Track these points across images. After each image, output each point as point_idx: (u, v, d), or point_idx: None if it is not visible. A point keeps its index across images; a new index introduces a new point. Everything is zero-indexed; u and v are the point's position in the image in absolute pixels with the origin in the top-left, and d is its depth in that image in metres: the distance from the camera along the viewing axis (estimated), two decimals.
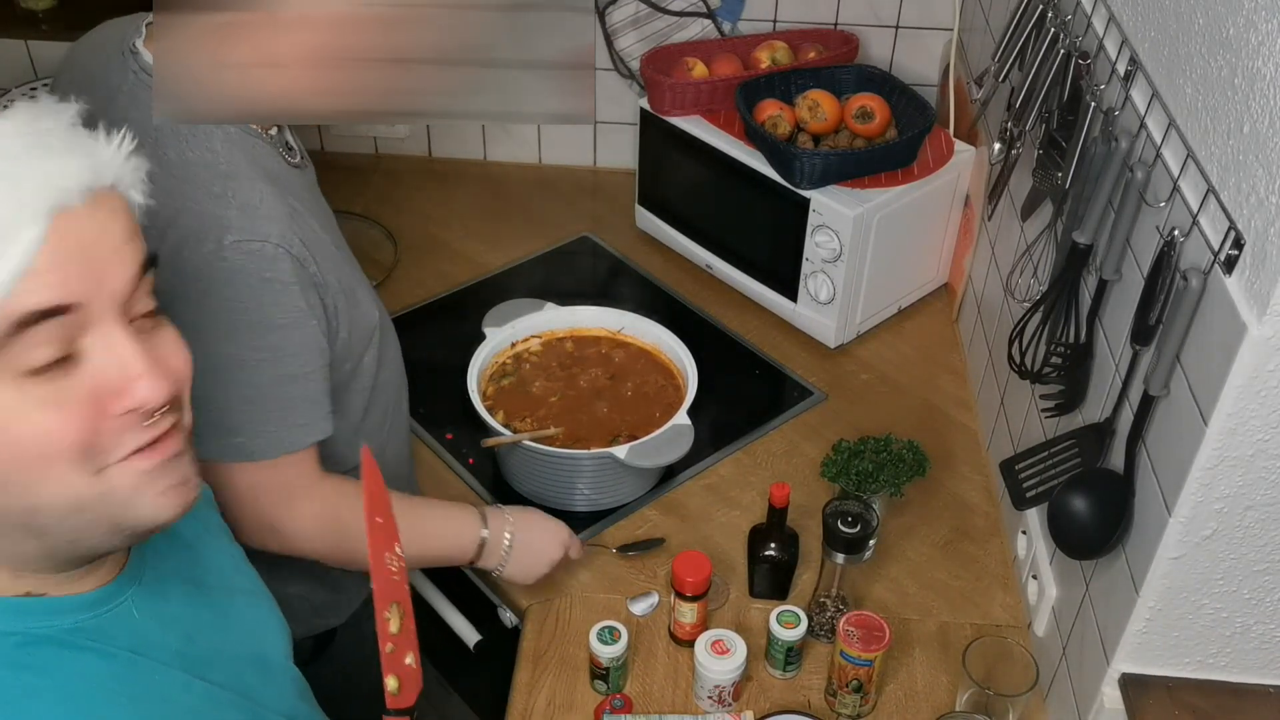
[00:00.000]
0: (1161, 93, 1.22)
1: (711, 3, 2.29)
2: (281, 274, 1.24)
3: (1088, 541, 1.30)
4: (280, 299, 1.25)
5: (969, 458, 1.86)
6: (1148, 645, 1.26)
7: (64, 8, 2.47)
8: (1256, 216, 1.01)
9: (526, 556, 1.54)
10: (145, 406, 0.83)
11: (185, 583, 1.04)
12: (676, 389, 1.82)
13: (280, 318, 1.26)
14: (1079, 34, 1.46)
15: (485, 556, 1.51)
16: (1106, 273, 1.31)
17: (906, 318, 2.15)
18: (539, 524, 1.57)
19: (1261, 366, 1.03)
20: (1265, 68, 1.00)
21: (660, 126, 2.13)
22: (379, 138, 2.57)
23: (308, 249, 1.27)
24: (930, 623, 1.60)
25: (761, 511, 1.59)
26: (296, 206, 1.29)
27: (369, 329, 1.43)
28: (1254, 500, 1.13)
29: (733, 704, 1.48)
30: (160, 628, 0.97)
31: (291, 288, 1.25)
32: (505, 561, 1.52)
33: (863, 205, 1.89)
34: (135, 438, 0.84)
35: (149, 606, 0.97)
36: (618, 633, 1.48)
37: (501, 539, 1.51)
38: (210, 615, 1.05)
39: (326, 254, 1.33)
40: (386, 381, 1.52)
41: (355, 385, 1.44)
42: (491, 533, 1.50)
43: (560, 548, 1.57)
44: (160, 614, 0.98)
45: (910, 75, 2.25)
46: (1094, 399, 1.39)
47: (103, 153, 0.85)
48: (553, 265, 2.29)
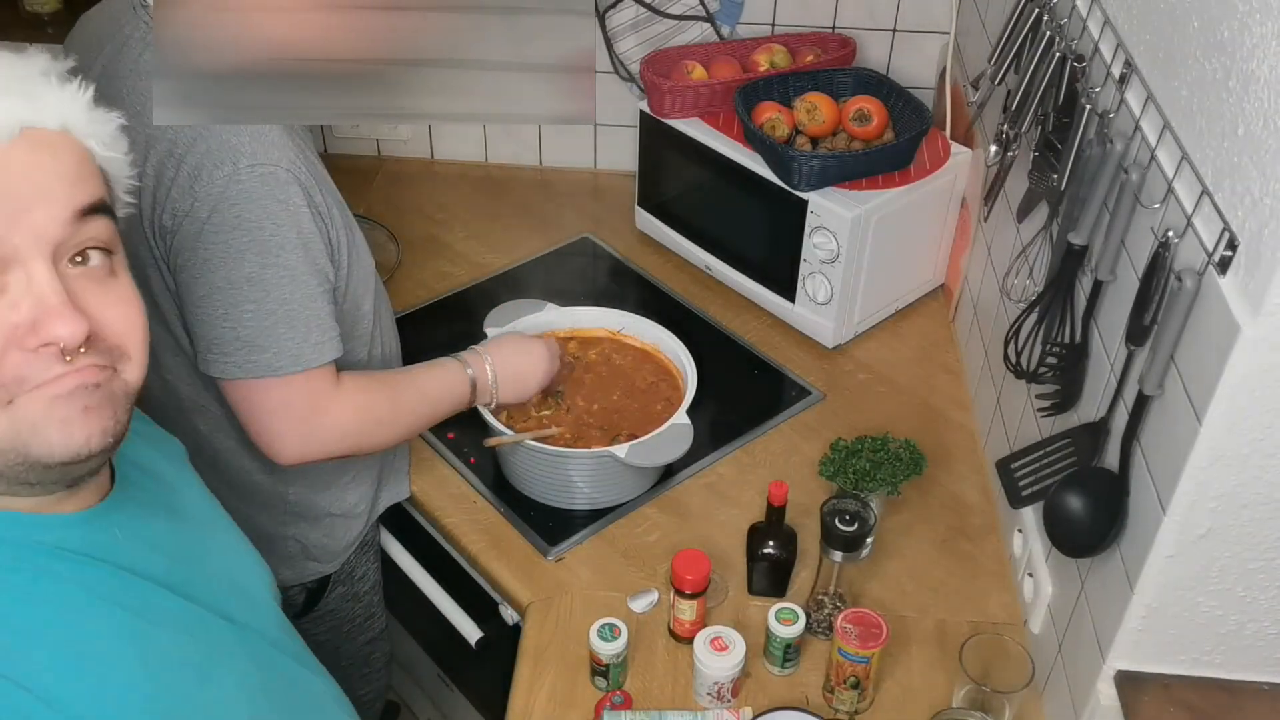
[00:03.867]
0: (1156, 95, 1.23)
1: (711, 6, 2.30)
2: (293, 197, 1.33)
3: (1083, 540, 1.31)
4: (294, 220, 1.33)
5: (965, 457, 1.87)
6: (1143, 643, 1.27)
7: (69, 10, 2.48)
8: (1250, 218, 1.02)
9: (514, 383, 1.66)
10: (59, 344, 0.83)
11: (167, 512, 1.05)
12: (676, 389, 1.82)
13: (294, 238, 1.34)
14: (1074, 37, 1.47)
15: (479, 394, 1.64)
16: (1102, 273, 1.32)
17: (904, 318, 2.16)
18: (515, 349, 1.68)
19: (1255, 366, 1.04)
20: (1259, 70, 1.01)
21: (660, 129, 2.14)
22: (381, 140, 2.58)
23: (314, 180, 1.36)
24: (927, 620, 1.61)
25: (760, 510, 1.60)
26: (299, 143, 1.38)
27: (368, 273, 1.52)
28: (1248, 499, 1.13)
29: (731, 700, 1.49)
30: (146, 549, 0.98)
31: (302, 210, 1.34)
32: (495, 394, 1.65)
33: (860, 207, 1.90)
34: (47, 370, 0.84)
35: (133, 528, 0.98)
36: (618, 630, 1.49)
37: (486, 374, 1.63)
38: (191, 543, 1.06)
39: (329, 189, 1.42)
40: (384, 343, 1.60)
41: (357, 332, 1.52)
42: (476, 371, 1.62)
43: (545, 370, 1.70)
44: (144, 537, 0.99)
45: (907, 78, 2.26)
46: (1089, 398, 1.40)
47: (48, 95, 0.86)
48: (553, 266, 2.30)
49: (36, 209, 0.83)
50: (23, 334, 0.83)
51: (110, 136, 0.92)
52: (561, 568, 1.67)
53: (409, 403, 1.56)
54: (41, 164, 0.84)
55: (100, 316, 0.87)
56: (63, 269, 0.85)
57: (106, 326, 0.87)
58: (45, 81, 0.88)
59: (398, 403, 1.54)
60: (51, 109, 0.86)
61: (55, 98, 0.87)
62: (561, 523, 1.73)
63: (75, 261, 0.87)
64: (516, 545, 1.71)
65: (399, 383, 1.57)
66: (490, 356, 1.65)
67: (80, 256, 0.87)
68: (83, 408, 0.86)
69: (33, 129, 0.85)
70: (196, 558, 1.06)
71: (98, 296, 0.87)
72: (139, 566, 0.95)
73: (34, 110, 0.85)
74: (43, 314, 0.83)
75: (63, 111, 0.87)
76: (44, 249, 0.83)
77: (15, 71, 0.87)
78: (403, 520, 1.85)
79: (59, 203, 0.85)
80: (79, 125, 0.88)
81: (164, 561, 0.99)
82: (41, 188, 0.84)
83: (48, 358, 0.83)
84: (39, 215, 0.83)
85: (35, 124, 0.85)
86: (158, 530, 1.02)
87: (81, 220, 0.86)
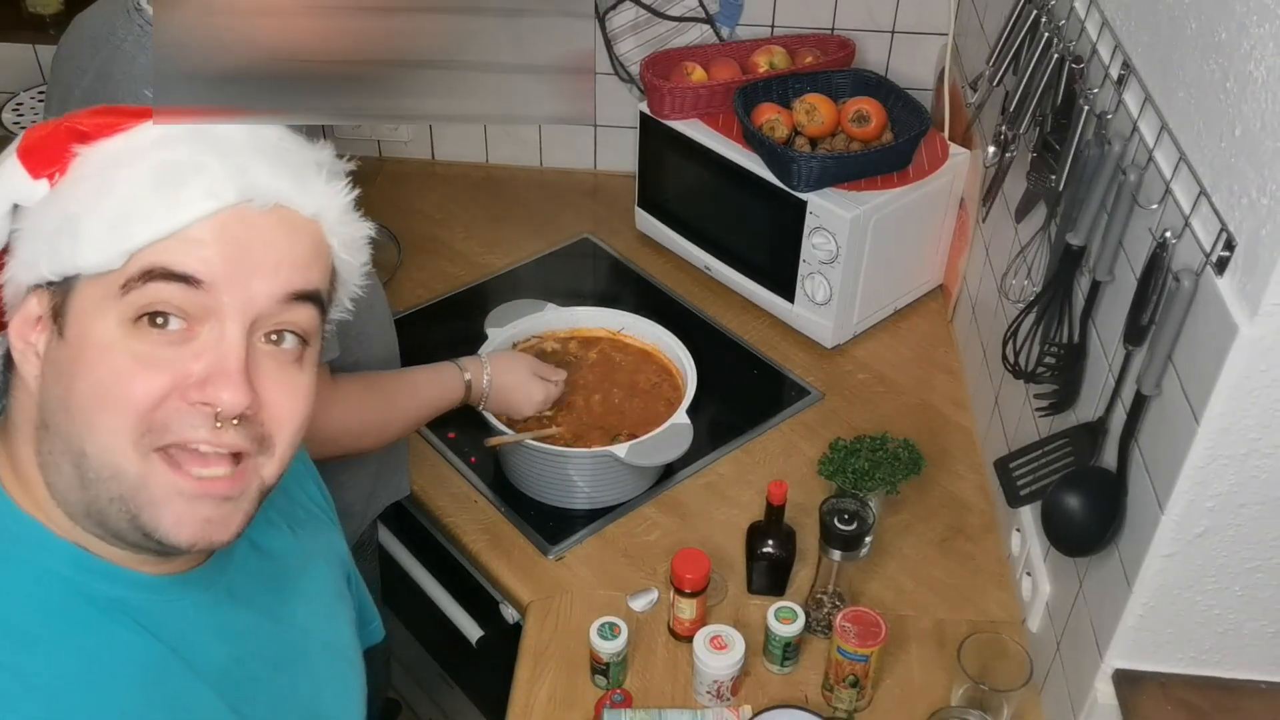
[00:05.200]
0: (1154, 96, 1.23)
1: (710, 8, 2.30)
2: None
3: (1081, 539, 1.31)
4: None
5: (964, 456, 1.88)
6: (1141, 641, 1.27)
7: (70, 11, 2.48)
8: (1248, 218, 1.03)
9: (507, 395, 1.71)
10: (217, 407, 0.83)
11: (262, 610, 1.02)
12: (676, 389, 1.83)
13: None
14: (1073, 38, 1.47)
15: (472, 396, 1.67)
16: (1100, 274, 1.33)
17: (902, 318, 2.17)
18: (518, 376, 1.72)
19: (1253, 366, 1.04)
20: (1257, 71, 1.02)
21: (659, 130, 2.14)
22: (382, 140, 2.58)
23: None
24: (926, 619, 1.62)
25: (759, 509, 1.60)
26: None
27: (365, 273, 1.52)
28: (1246, 498, 1.14)
29: (731, 699, 1.49)
30: (213, 638, 0.95)
31: None
32: (484, 402, 1.68)
33: (859, 207, 1.90)
34: (193, 429, 0.84)
35: (210, 613, 0.96)
36: (618, 628, 1.49)
37: (482, 380, 1.67)
38: (273, 651, 1.02)
39: None
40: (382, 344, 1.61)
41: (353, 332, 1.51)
42: (473, 375, 1.66)
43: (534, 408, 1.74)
44: (219, 625, 0.96)
45: (906, 79, 2.26)
46: (1087, 398, 1.41)
47: (314, 185, 0.90)
48: (554, 266, 2.30)
49: (257, 278, 0.85)
50: (190, 385, 0.83)
51: (353, 241, 0.95)
52: (562, 567, 1.68)
53: (403, 404, 1.58)
54: (280, 240, 0.87)
55: (266, 398, 0.87)
56: (255, 341, 0.86)
57: (266, 409, 0.87)
58: (317, 172, 0.91)
59: (392, 404, 1.55)
60: (312, 198, 0.89)
61: (319, 190, 0.90)
62: (562, 522, 1.74)
63: (270, 339, 0.87)
64: (517, 544, 1.71)
65: (393, 385, 1.58)
66: (490, 367, 1.68)
67: (276, 335, 0.88)
68: (203, 518, 0.86)
69: (287, 208, 0.87)
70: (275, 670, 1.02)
71: (274, 379, 0.87)
72: (195, 655, 0.93)
73: (297, 192, 0.88)
74: (217, 373, 0.83)
75: (320, 204, 0.90)
76: (246, 316, 0.85)
77: (299, 155, 0.91)
78: (403, 519, 1.85)
79: (279, 281, 0.86)
80: (329, 220, 0.91)
81: (227, 660, 0.96)
82: (270, 261, 0.86)
83: (199, 416, 0.84)
84: (257, 284, 0.85)
85: (292, 205, 0.88)
86: (239, 623, 0.99)
87: (291, 303, 0.87)
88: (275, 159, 0.88)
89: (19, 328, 0.87)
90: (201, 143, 0.86)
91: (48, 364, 0.86)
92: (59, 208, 0.84)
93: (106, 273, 0.82)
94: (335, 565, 1.18)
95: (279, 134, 0.92)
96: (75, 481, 0.85)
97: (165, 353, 0.83)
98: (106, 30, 1.39)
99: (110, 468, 0.84)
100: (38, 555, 0.87)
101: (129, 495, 0.84)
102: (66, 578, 0.87)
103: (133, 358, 0.82)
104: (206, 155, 0.85)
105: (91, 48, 1.40)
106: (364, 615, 1.30)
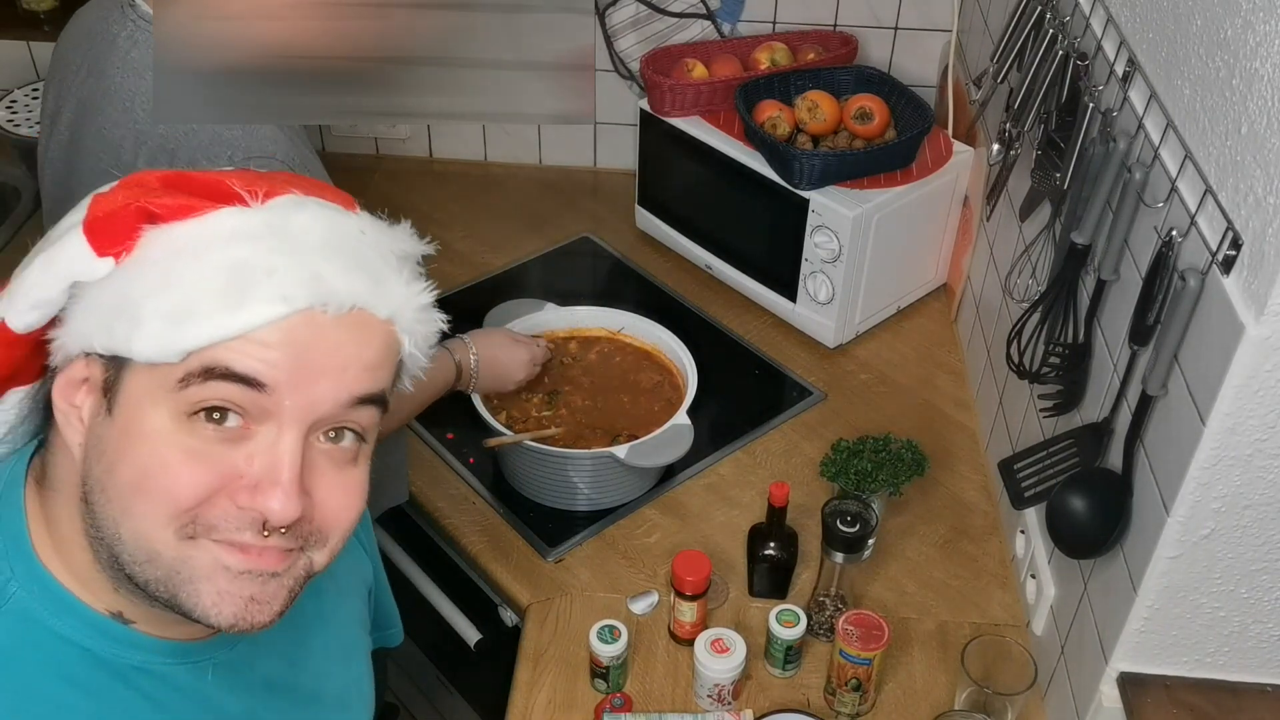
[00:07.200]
0: (1160, 93, 1.22)
1: (711, 4, 2.29)
2: None
3: (1086, 541, 1.31)
4: None
5: (967, 457, 1.87)
6: (1146, 644, 1.26)
7: (65, 9, 2.48)
8: (1254, 217, 1.02)
9: (494, 369, 1.70)
10: (265, 518, 0.81)
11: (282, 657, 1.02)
12: (676, 389, 1.82)
13: None
14: (1077, 35, 1.47)
15: (462, 381, 1.67)
16: (1105, 273, 1.32)
17: (905, 318, 2.16)
18: (499, 346, 1.72)
19: (1259, 366, 1.03)
20: (1263, 68, 1.01)
21: (660, 127, 2.13)
22: (380, 139, 2.57)
23: (309, 172, 1.34)
24: (929, 622, 1.61)
25: (761, 511, 1.59)
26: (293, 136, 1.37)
27: None
28: (1252, 500, 1.13)
29: (732, 703, 1.48)
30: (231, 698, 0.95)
31: None
32: (474, 381, 1.68)
33: (862, 206, 1.89)
34: (238, 532, 0.81)
35: (230, 674, 0.95)
36: (618, 631, 1.48)
37: (469, 361, 1.66)
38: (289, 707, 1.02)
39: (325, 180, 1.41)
40: None
41: None
42: (461, 358, 1.65)
43: (523, 375, 1.74)
44: (238, 684, 0.96)
45: (909, 76, 2.25)
46: (1092, 399, 1.40)
47: (394, 287, 0.86)
48: (553, 266, 2.29)
49: (322, 383, 0.82)
50: (240, 488, 0.80)
51: (425, 339, 0.91)
52: (561, 569, 1.67)
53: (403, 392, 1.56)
54: (349, 344, 0.83)
55: (319, 499, 0.84)
56: (313, 439, 0.83)
57: (319, 509, 0.84)
58: (397, 270, 0.87)
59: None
60: (389, 301, 0.86)
61: (399, 293, 0.87)
62: (561, 524, 1.73)
63: (329, 436, 0.84)
64: (516, 546, 1.70)
65: None
66: (474, 345, 1.68)
67: (335, 433, 0.85)
68: (248, 596, 0.83)
69: (362, 311, 0.84)
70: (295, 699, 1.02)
71: (329, 479, 0.84)
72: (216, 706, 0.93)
73: (372, 295, 0.84)
74: (268, 481, 0.80)
75: (397, 306, 0.86)
76: (306, 420, 0.82)
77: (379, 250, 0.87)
78: (401, 521, 1.84)
79: (344, 385, 0.83)
80: (403, 321, 0.87)
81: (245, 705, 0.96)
82: (338, 367, 0.82)
83: (246, 521, 0.81)
84: (321, 389, 0.82)
85: (368, 309, 0.84)
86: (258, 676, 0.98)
87: (355, 406, 0.84)
88: (352, 259, 0.84)
89: (63, 388, 0.84)
90: (276, 240, 0.82)
91: (92, 439, 0.83)
92: (119, 288, 0.80)
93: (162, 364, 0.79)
94: (360, 595, 1.17)
95: (360, 226, 0.88)
96: (110, 560, 0.83)
97: (217, 450, 0.80)
98: (101, 26, 1.39)
99: (146, 552, 0.81)
100: (58, 623, 0.86)
101: (165, 578, 0.82)
102: (84, 646, 0.86)
103: (183, 451, 0.79)
104: (279, 255, 0.81)
105: (87, 43, 1.40)
106: (386, 619, 1.30)
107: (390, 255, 0.88)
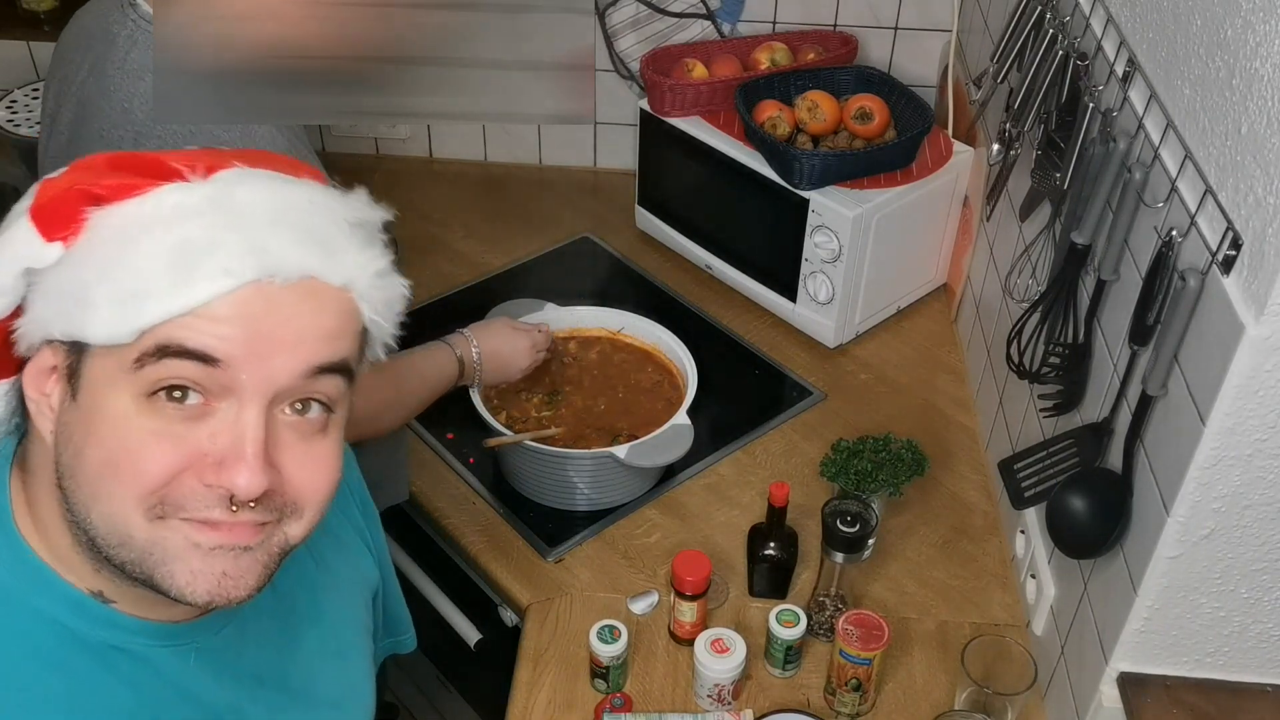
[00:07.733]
0: (1160, 94, 1.22)
1: (711, 4, 2.29)
2: None
3: (1086, 541, 1.31)
4: None
5: (968, 457, 1.87)
6: (1146, 644, 1.26)
7: (65, 9, 2.48)
8: (1254, 217, 1.02)
9: (497, 360, 1.70)
10: (232, 493, 0.81)
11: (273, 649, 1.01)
12: (676, 389, 1.82)
13: None
14: (1077, 35, 1.47)
15: (466, 375, 1.67)
16: (1105, 273, 1.32)
17: (905, 318, 2.16)
18: (500, 337, 1.71)
19: (1259, 366, 1.03)
20: (1263, 69, 1.01)
21: (660, 127, 2.13)
22: (380, 138, 2.57)
23: None
24: (929, 622, 1.61)
25: (761, 511, 1.59)
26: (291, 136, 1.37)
27: None
28: (1252, 499, 1.13)
29: (732, 703, 1.48)
30: (214, 686, 0.94)
31: None
32: (479, 375, 1.68)
33: (862, 206, 1.89)
34: (207, 509, 0.81)
35: (214, 661, 0.94)
36: (618, 631, 1.48)
37: (471, 355, 1.66)
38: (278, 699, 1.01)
39: None
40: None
41: None
42: (463, 353, 1.66)
43: (526, 363, 1.74)
44: (221, 671, 0.95)
45: (909, 76, 2.25)
46: (1092, 399, 1.40)
47: (346, 255, 0.85)
48: (553, 266, 2.29)
49: (278, 355, 0.81)
50: (205, 466, 0.80)
51: (386, 304, 0.90)
52: (561, 569, 1.67)
53: (409, 385, 1.58)
54: (304, 313, 0.82)
55: (288, 472, 0.84)
56: (277, 412, 0.83)
57: (289, 483, 0.84)
58: (349, 237, 0.86)
59: (400, 386, 1.55)
60: (341, 267, 0.85)
61: (352, 259, 0.86)
62: (561, 524, 1.73)
63: (294, 408, 0.84)
64: (516, 546, 1.70)
65: (394, 368, 1.57)
66: (476, 339, 1.68)
67: (301, 405, 0.84)
68: (220, 572, 0.83)
69: (314, 280, 0.83)
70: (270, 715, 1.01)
71: (296, 452, 0.84)
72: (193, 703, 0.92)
73: (324, 263, 0.83)
74: (232, 457, 0.80)
75: (351, 273, 0.85)
76: (266, 394, 0.81)
77: (330, 218, 0.86)
78: (401, 521, 1.84)
79: (301, 357, 0.82)
80: (360, 287, 0.87)
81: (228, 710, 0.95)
82: (293, 338, 0.82)
83: (214, 498, 0.81)
84: (278, 361, 0.81)
85: (320, 277, 0.83)
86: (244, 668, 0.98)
87: (316, 376, 0.83)
88: (302, 229, 0.83)
89: (34, 378, 0.84)
90: (220, 215, 0.81)
91: (60, 425, 0.83)
92: (71, 272, 0.80)
93: (118, 345, 0.79)
94: (359, 595, 1.16)
95: (309, 195, 0.87)
96: (88, 543, 0.83)
97: (179, 429, 0.80)
98: (101, 25, 1.38)
99: (119, 536, 0.81)
100: (37, 599, 0.86)
101: (140, 559, 0.82)
102: (63, 624, 0.86)
103: (146, 433, 0.79)
104: (224, 230, 0.80)
105: (87, 43, 1.40)
106: (397, 624, 1.30)
107: (342, 222, 0.87)
